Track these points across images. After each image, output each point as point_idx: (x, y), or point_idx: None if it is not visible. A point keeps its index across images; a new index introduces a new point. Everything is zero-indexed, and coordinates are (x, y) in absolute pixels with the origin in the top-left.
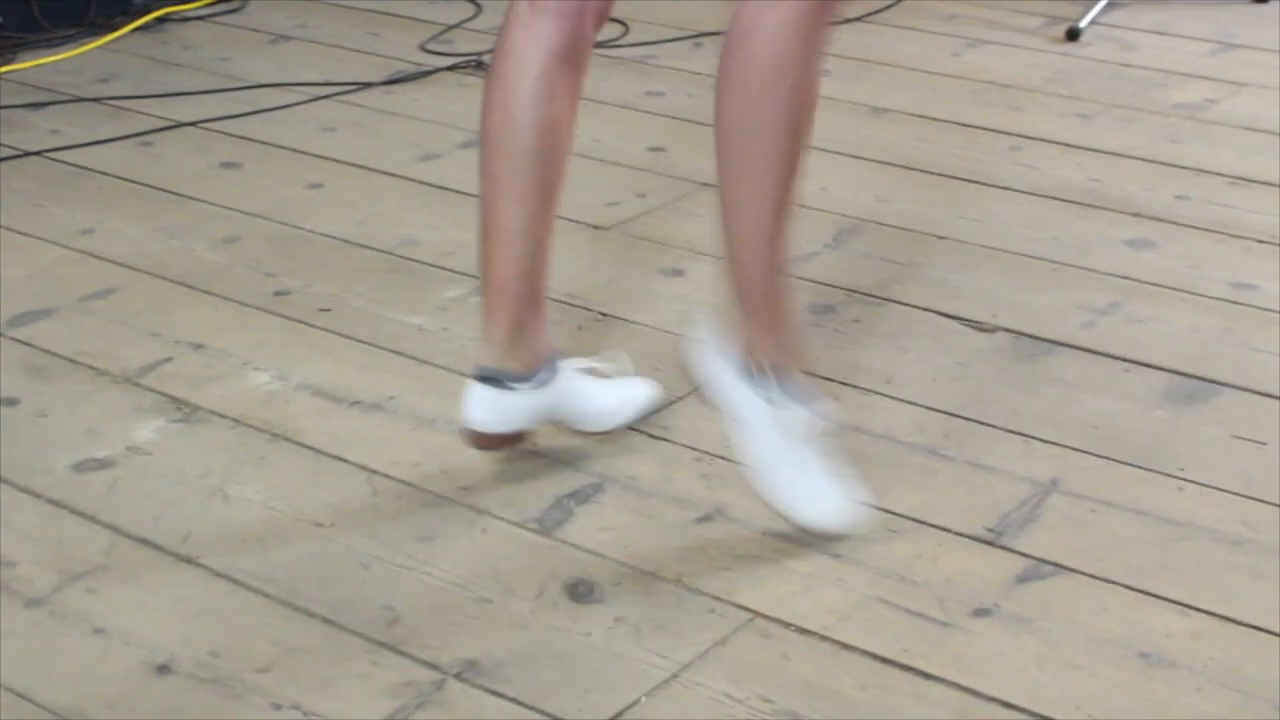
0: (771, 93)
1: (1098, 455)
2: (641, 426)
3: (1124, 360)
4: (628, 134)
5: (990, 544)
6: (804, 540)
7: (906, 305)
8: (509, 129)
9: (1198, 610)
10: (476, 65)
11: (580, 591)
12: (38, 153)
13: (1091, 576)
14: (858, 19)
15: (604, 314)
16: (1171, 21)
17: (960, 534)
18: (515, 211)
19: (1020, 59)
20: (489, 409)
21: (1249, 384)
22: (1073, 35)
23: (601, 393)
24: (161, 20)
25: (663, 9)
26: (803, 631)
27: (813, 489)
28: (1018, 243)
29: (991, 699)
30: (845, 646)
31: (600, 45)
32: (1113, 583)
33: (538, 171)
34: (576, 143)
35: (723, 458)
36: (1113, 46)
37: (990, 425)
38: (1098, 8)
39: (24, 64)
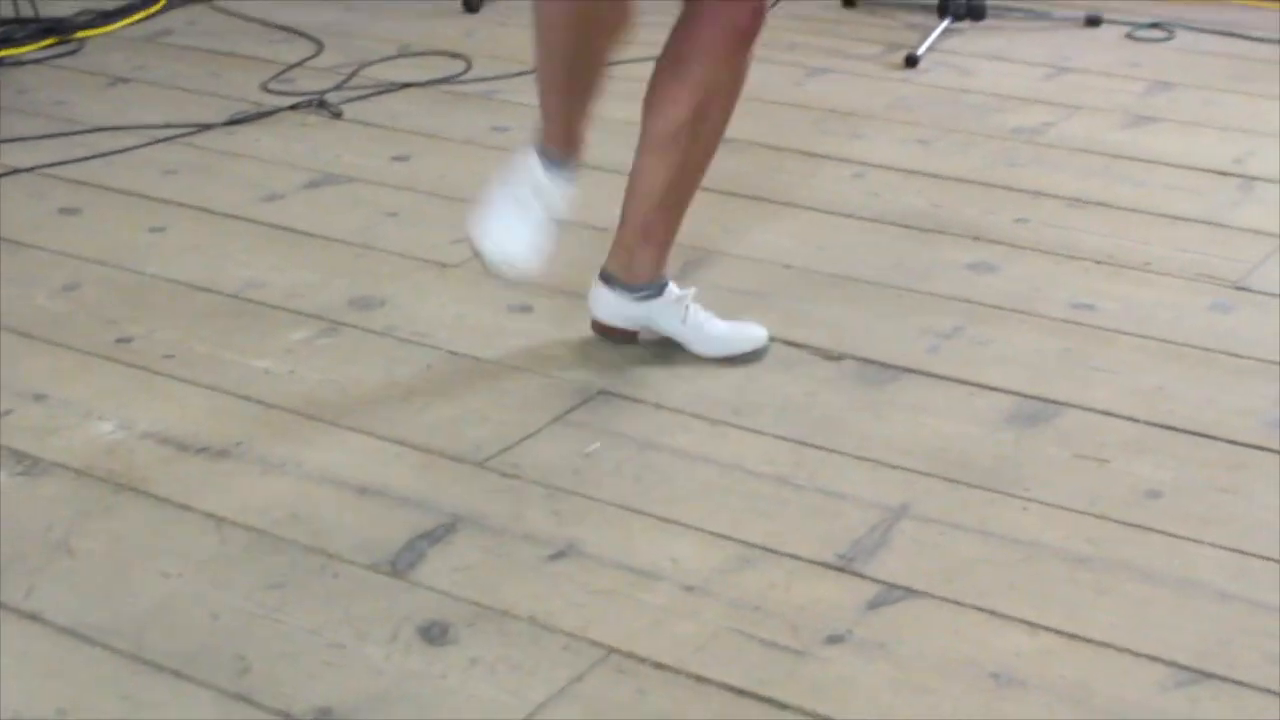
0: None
1: (945, 479)
2: (491, 464)
3: (968, 384)
4: (473, 169)
5: (842, 570)
6: (657, 573)
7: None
8: None
9: (1046, 629)
10: (319, 104)
11: (434, 634)
12: None
13: (942, 599)
14: None
15: (453, 352)
16: (1007, 47)
17: (812, 561)
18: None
19: (861, 87)
20: (603, 304)
21: (1090, 403)
22: (911, 62)
23: (715, 322)
24: None
25: (506, 42)
26: (658, 666)
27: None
28: (863, 269)
29: None
30: (701, 679)
31: (442, 81)
32: (962, 604)
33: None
34: (420, 180)
35: (574, 493)
36: (951, 72)
37: (839, 453)
38: (935, 34)
39: None
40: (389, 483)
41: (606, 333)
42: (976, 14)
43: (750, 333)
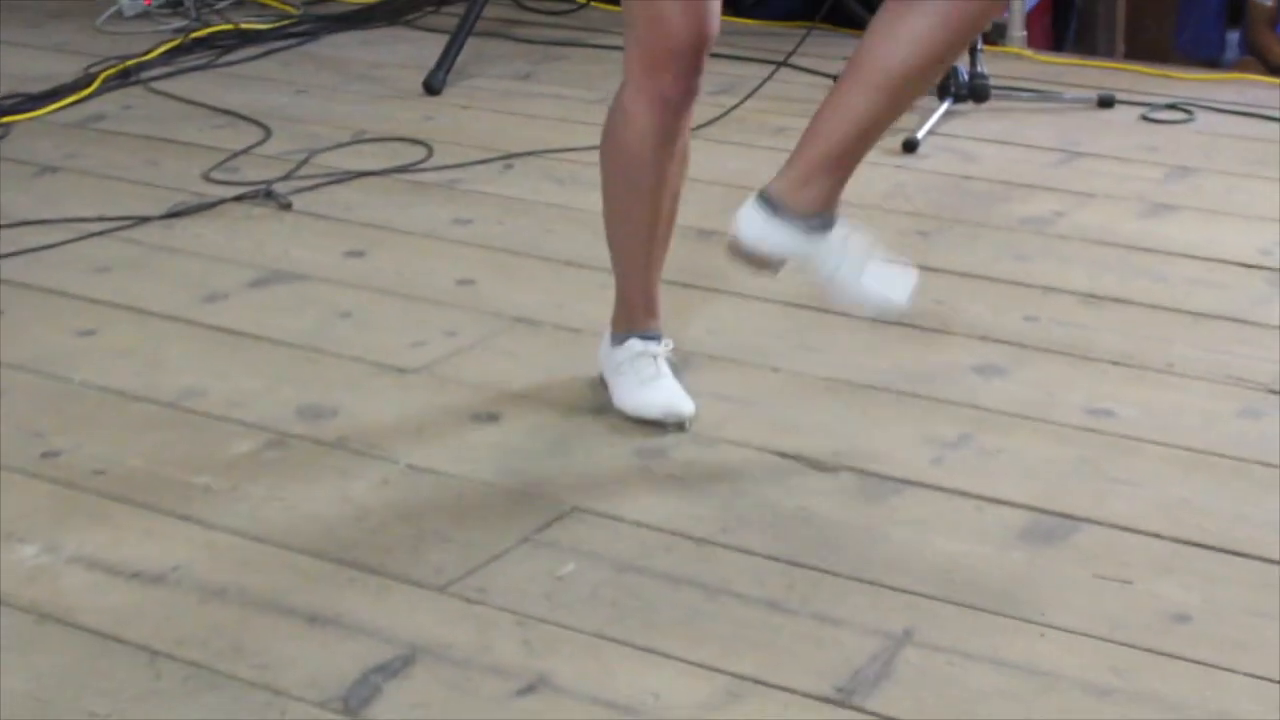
0: None
1: (953, 602)
2: (454, 589)
3: (977, 497)
4: (433, 265)
5: (840, 704)
6: (637, 709)
7: (741, 445)
8: None
9: None
10: (266, 195)
11: None
12: None
13: None
14: None
15: (412, 465)
16: (1014, 130)
17: (807, 695)
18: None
19: (855, 174)
20: (756, 226)
21: (1110, 518)
22: (910, 147)
23: (871, 273)
24: None
25: (470, 127)
26: None
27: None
28: (859, 373)
29: None
30: None
31: (402, 169)
32: None
33: None
34: (376, 278)
35: (546, 621)
36: (953, 158)
37: (836, 574)
38: (935, 116)
39: None
40: (341, 610)
41: (750, 260)
42: (979, 95)
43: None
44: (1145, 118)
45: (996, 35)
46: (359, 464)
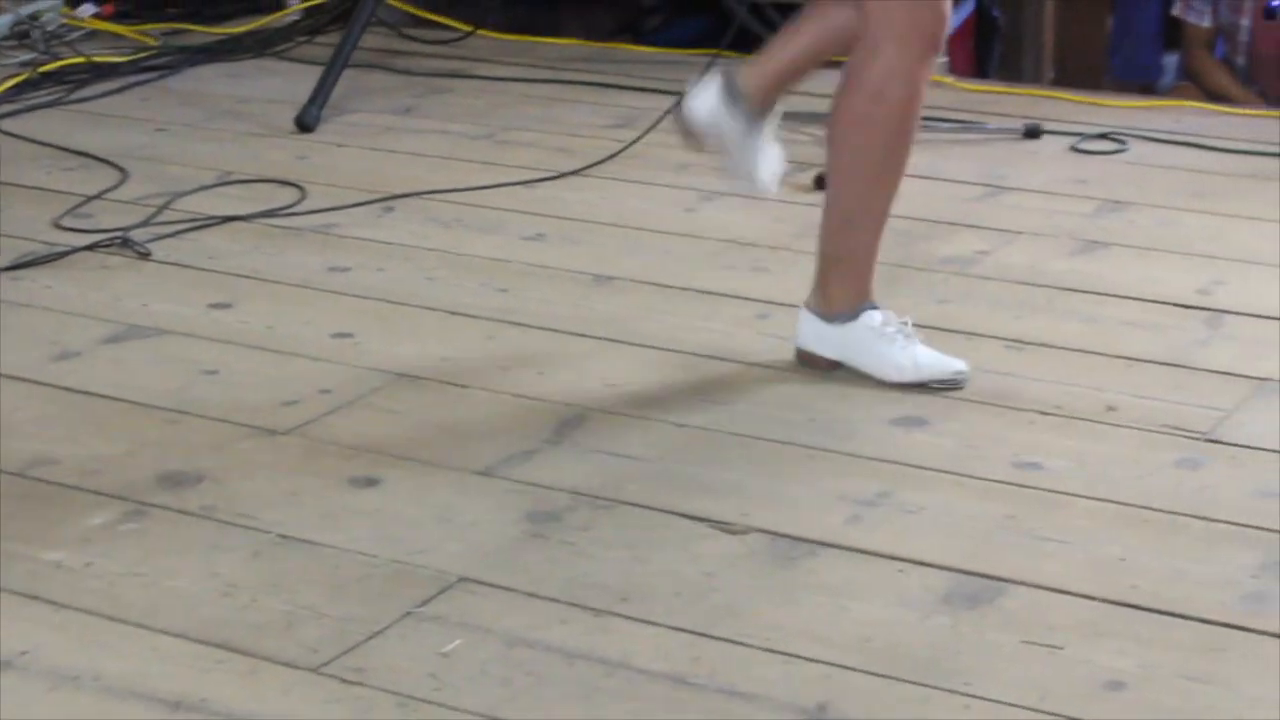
0: None
1: (872, 673)
2: (330, 669)
3: (896, 559)
4: (307, 317)
5: None
6: None
7: (644, 507)
8: None
9: None
10: (123, 243)
11: None
12: None
13: None
14: (574, 173)
15: (284, 535)
16: (935, 163)
17: None
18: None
19: (763, 212)
20: (804, 331)
21: (1039, 579)
22: (821, 183)
23: (899, 349)
24: None
25: (346, 167)
26: None
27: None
28: (770, 427)
29: None
30: None
31: (272, 213)
32: None
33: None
34: (244, 332)
35: (430, 702)
36: None
37: (745, 644)
38: None
39: None
40: (208, 695)
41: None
42: None
43: (943, 362)
44: (1075, 148)
45: None
46: (226, 535)
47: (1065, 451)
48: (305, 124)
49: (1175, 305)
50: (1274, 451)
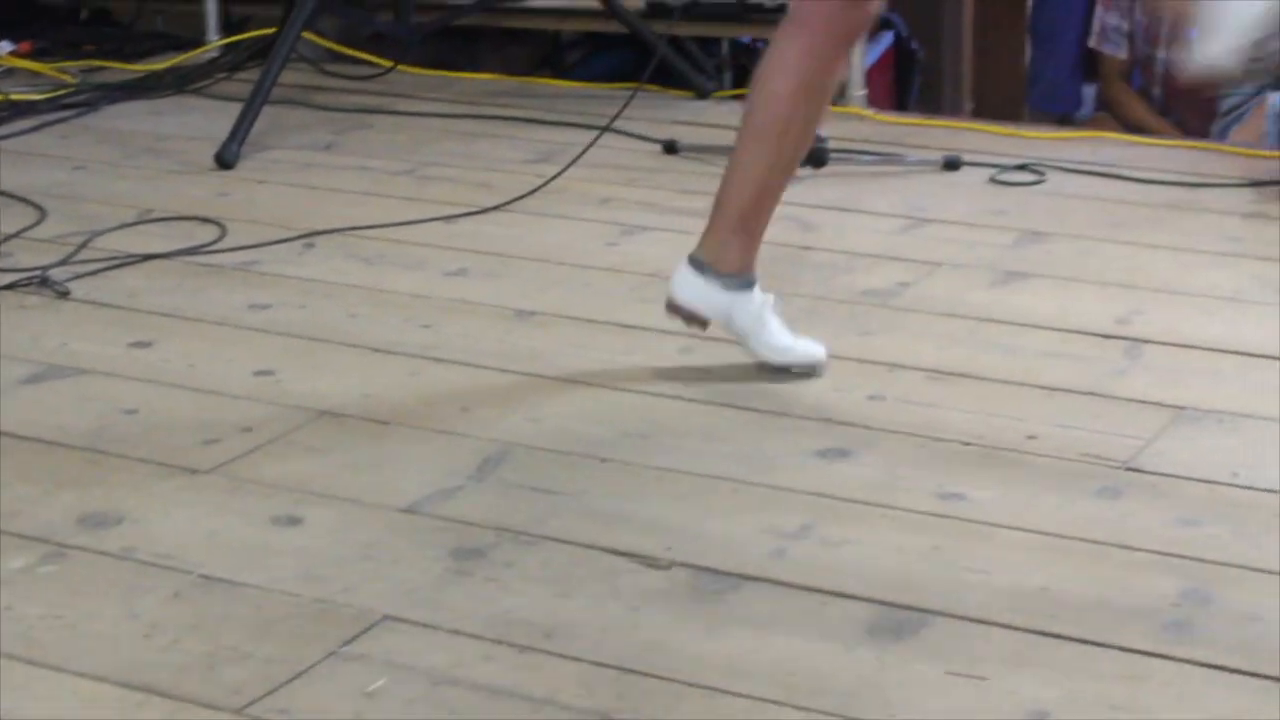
0: None
1: (796, 706)
2: (253, 710)
3: (820, 592)
4: (228, 355)
5: None
6: None
7: (567, 543)
8: None
9: None
10: (41, 282)
11: None
12: None
13: None
14: (495, 208)
15: (206, 576)
16: (855, 196)
17: None
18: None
19: (686, 245)
20: (687, 287)
21: (963, 610)
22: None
23: (782, 331)
24: None
25: (267, 204)
26: None
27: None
28: (693, 461)
29: None
30: None
31: (192, 251)
32: None
33: None
34: (165, 371)
35: None
36: (791, 227)
37: (670, 679)
38: None
39: None
40: None
41: (683, 316)
42: (817, 159)
43: (811, 349)
44: (994, 180)
45: (836, 94)
46: (147, 576)
47: (988, 482)
48: (225, 161)
49: (1094, 335)
50: (1193, 480)
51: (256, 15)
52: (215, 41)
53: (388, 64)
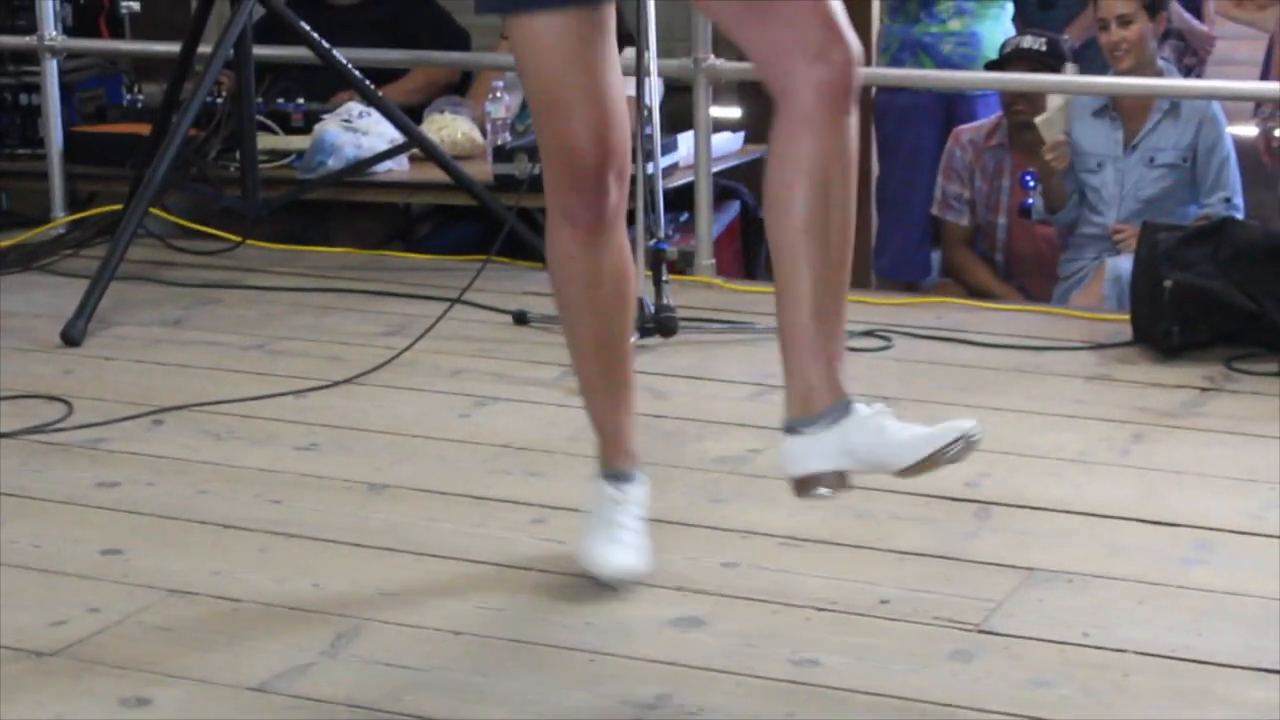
0: None
1: None
2: None
3: None
4: (75, 535)
5: None
6: None
7: (423, 719)
8: None
9: None
10: None
11: None
12: None
13: None
14: (346, 381)
15: None
16: (705, 364)
17: None
18: None
19: (537, 416)
20: (796, 456)
21: None
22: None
23: (911, 427)
24: None
25: (114, 381)
26: None
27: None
28: (547, 632)
29: None
30: None
31: (38, 429)
32: None
33: None
34: (10, 551)
35: None
36: (642, 396)
37: None
38: None
39: None
40: None
41: (813, 486)
42: (666, 328)
43: (955, 424)
44: None
45: (685, 264)
46: None
47: (843, 647)
48: (71, 338)
49: (944, 498)
50: (1044, 640)
51: (103, 192)
52: (62, 218)
53: (236, 239)
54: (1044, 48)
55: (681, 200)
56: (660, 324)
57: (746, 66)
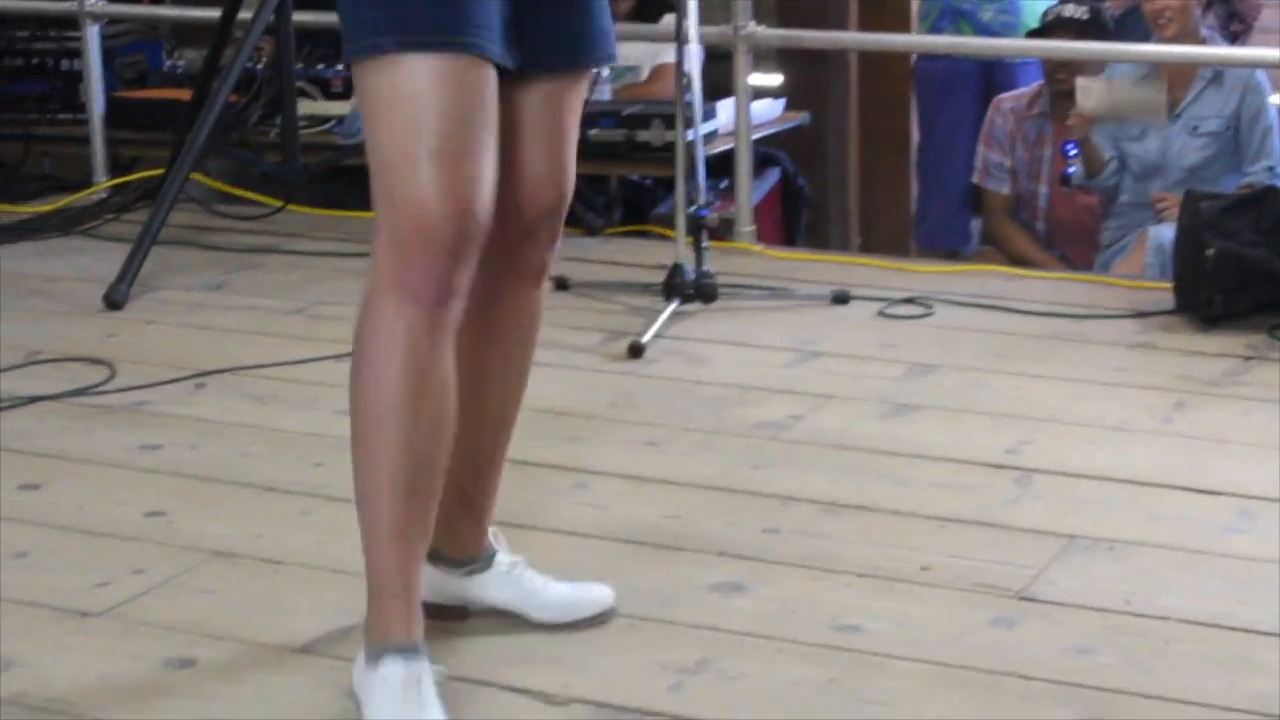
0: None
1: None
2: None
3: None
4: (119, 498)
5: None
6: None
7: (465, 680)
8: None
9: None
10: None
11: None
12: None
13: None
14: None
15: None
16: (745, 331)
17: None
18: None
19: (577, 381)
20: (428, 583)
21: None
22: (636, 351)
23: (554, 586)
24: None
25: (156, 344)
26: None
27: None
28: None
29: None
30: None
31: (81, 392)
32: None
33: None
34: (55, 513)
35: None
36: (682, 362)
37: None
38: (662, 318)
39: None
40: None
41: (438, 614)
42: (707, 295)
43: (594, 594)
44: (883, 313)
45: (725, 230)
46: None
47: (883, 613)
48: (114, 301)
49: (985, 465)
50: (1085, 608)
51: (144, 156)
52: (103, 183)
53: (277, 204)
54: (1086, 16)
55: (722, 167)
56: (701, 290)
57: (787, 33)
